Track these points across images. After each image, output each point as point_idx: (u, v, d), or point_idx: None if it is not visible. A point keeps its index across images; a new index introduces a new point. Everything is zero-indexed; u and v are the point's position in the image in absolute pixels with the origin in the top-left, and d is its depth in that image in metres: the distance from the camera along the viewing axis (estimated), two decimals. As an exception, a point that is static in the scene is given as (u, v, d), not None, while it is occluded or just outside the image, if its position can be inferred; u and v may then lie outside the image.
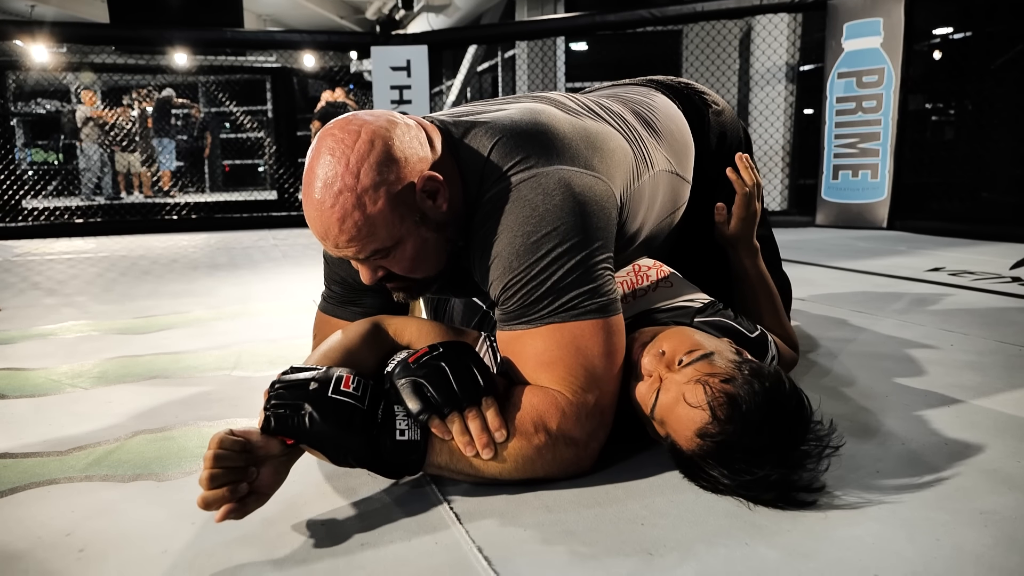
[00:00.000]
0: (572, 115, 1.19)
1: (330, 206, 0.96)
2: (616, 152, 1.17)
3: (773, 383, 0.98)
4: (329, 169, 0.96)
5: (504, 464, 1.00)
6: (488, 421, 0.98)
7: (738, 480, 0.96)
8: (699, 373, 1.02)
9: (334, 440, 0.92)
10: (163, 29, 6.07)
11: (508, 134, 1.08)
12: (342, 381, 0.95)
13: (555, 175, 1.04)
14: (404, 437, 0.95)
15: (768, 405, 0.95)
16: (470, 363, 1.00)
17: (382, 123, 0.99)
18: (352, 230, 0.97)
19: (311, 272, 3.52)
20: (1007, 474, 1.08)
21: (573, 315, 1.02)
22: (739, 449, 0.95)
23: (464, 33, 8.78)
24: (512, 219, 1.03)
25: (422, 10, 10.24)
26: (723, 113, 1.59)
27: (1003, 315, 2.21)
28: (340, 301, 1.32)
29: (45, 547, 0.93)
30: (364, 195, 0.96)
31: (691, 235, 1.53)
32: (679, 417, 1.01)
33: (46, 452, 1.26)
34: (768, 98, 6.26)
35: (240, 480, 0.89)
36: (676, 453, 1.04)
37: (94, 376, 1.75)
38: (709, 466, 0.98)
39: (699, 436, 0.97)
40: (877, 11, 4.82)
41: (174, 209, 6.75)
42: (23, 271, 3.81)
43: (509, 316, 1.05)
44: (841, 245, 4.14)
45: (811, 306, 2.38)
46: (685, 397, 1.00)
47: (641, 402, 1.08)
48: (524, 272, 1.02)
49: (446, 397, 0.97)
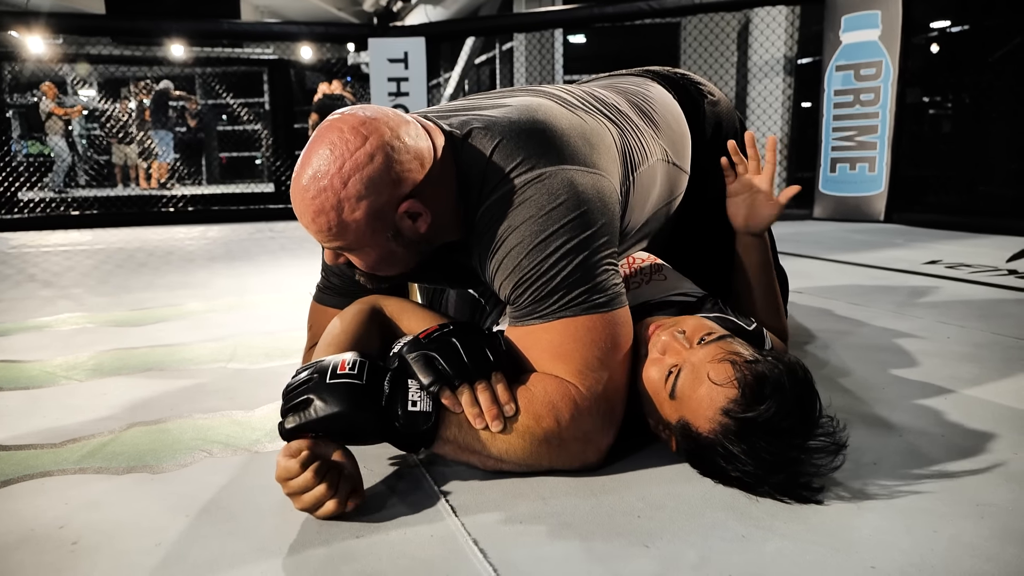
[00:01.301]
0: (569, 109, 1.19)
1: (311, 196, 0.98)
2: (612, 147, 1.18)
3: (793, 371, 0.97)
4: (323, 163, 0.97)
5: (512, 442, 1.00)
6: (498, 394, 0.99)
7: (756, 461, 0.94)
8: (723, 352, 1.01)
9: (344, 420, 0.94)
10: (160, 20, 6.05)
11: (508, 135, 1.09)
12: (338, 365, 0.97)
13: (559, 175, 1.05)
14: (416, 408, 0.97)
15: (793, 390, 0.95)
16: (480, 340, 1.03)
17: (391, 134, 0.99)
18: (323, 226, 0.99)
19: (308, 264, 3.51)
20: (1004, 466, 1.08)
21: (584, 308, 1.03)
22: (763, 430, 0.93)
23: (462, 25, 8.75)
24: (519, 219, 1.04)
25: (420, 2, 10.20)
26: (719, 103, 1.58)
27: (1000, 307, 2.21)
28: (338, 292, 1.32)
29: (38, 539, 0.93)
30: (344, 202, 0.97)
31: (687, 225, 1.52)
32: (702, 396, 0.99)
33: (40, 444, 1.26)
34: (766, 91, 6.25)
35: (331, 476, 0.93)
36: (688, 436, 1.01)
37: (89, 368, 1.74)
38: (727, 447, 0.96)
39: (724, 413, 0.96)
40: (875, 4, 4.81)
41: (171, 201, 6.72)
42: (19, 263, 3.79)
43: (522, 312, 1.07)
44: (838, 238, 4.14)
45: (808, 299, 2.38)
46: (710, 375, 0.99)
47: (654, 386, 1.07)
48: (534, 269, 1.03)
49: (457, 369, 0.99)
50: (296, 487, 0.92)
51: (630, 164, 1.22)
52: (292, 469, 0.92)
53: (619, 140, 1.22)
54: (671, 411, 1.05)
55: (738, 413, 0.95)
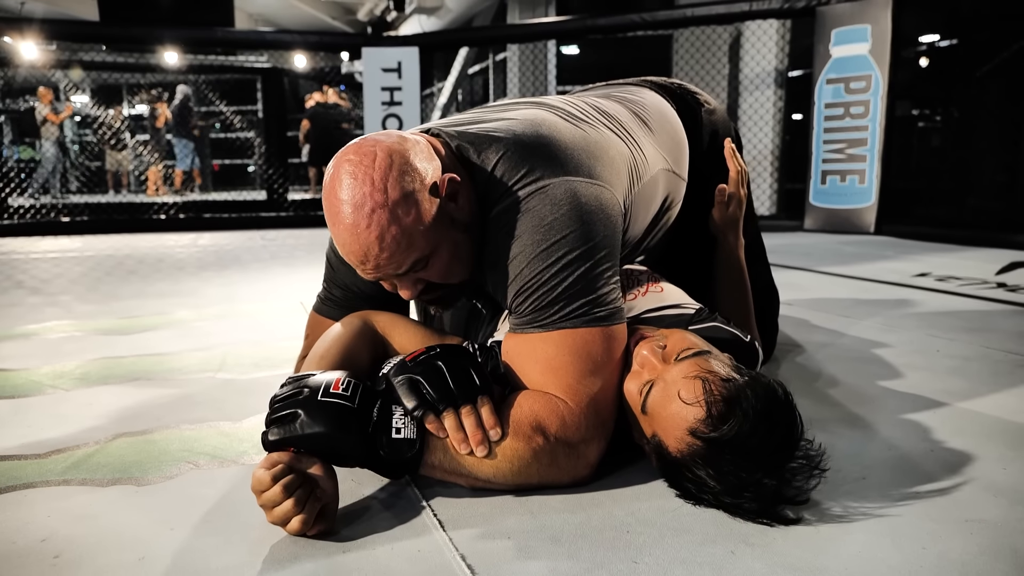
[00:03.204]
0: (571, 122, 1.19)
1: (365, 227, 0.97)
2: (616, 159, 1.18)
3: (771, 391, 0.96)
4: (356, 191, 0.97)
5: (499, 465, 1.00)
6: (483, 419, 0.98)
7: (724, 485, 0.93)
8: (698, 369, 0.99)
9: (329, 441, 0.93)
10: (153, 27, 6.03)
11: (512, 147, 1.09)
12: (332, 384, 0.96)
13: (562, 186, 1.06)
14: (400, 435, 0.96)
15: (765, 411, 0.93)
16: (466, 363, 1.02)
17: (394, 140, 1.02)
18: (392, 246, 0.98)
19: (299, 273, 3.50)
20: (993, 482, 1.08)
21: (584, 321, 1.03)
22: (729, 451, 0.92)
23: (455, 35, 8.78)
24: (522, 230, 1.05)
25: (414, 12, 10.23)
26: (715, 112, 1.60)
27: (989, 320, 2.22)
28: (339, 304, 1.32)
29: (20, 553, 0.91)
30: (397, 208, 0.97)
31: (684, 234, 1.53)
32: (671, 414, 0.98)
33: (24, 455, 1.24)
34: (757, 103, 6.30)
35: (300, 493, 0.91)
36: (662, 454, 1.01)
37: (76, 377, 1.73)
38: (693, 469, 0.95)
39: (691, 433, 0.94)
40: (865, 18, 4.86)
41: (162, 208, 6.69)
42: (7, 269, 3.77)
43: (522, 320, 1.07)
44: (829, 250, 4.16)
45: (798, 311, 2.39)
46: (680, 393, 0.97)
47: (631, 399, 1.06)
48: (536, 278, 1.03)
49: (442, 394, 0.98)
50: (266, 500, 0.91)
51: (634, 176, 1.22)
52: (264, 481, 0.90)
53: (625, 152, 1.22)
54: (646, 426, 1.04)
55: (704, 433, 0.93)
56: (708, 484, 0.95)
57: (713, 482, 0.94)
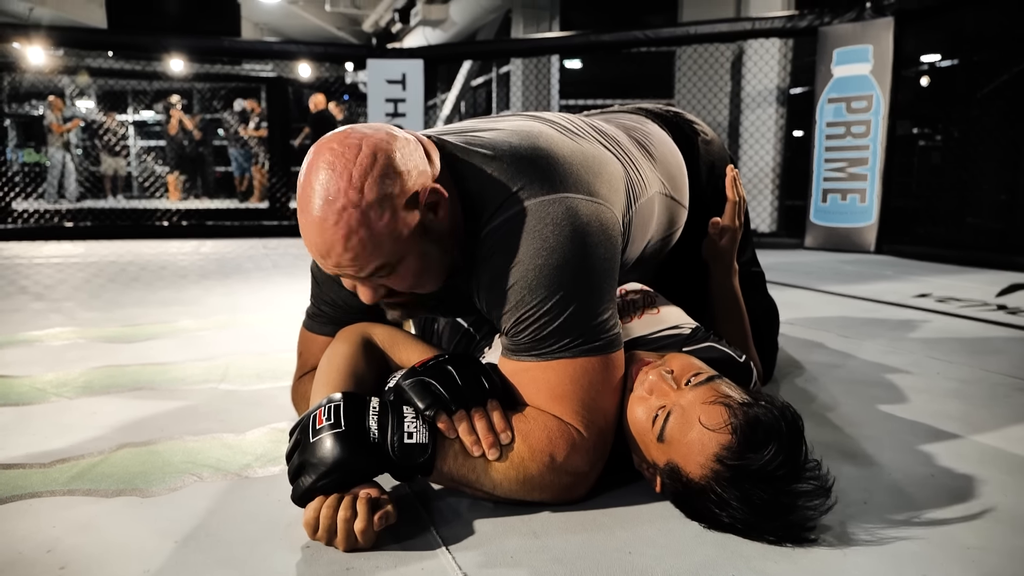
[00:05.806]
0: (569, 137, 1.17)
1: (333, 223, 0.92)
2: (615, 177, 1.17)
3: (786, 414, 0.95)
4: (330, 184, 0.91)
5: (506, 472, 1.00)
6: (494, 422, 1.00)
7: (750, 508, 0.92)
8: (715, 394, 0.99)
9: (340, 471, 0.95)
10: (161, 36, 6.07)
11: (507, 158, 1.07)
12: (316, 419, 0.98)
13: (562, 204, 1.04)
14: (412, 440, 0.97)
15: (787, 435, 0.93)
16: (476, 370, 1.04)
17: (382, 136, 0.96)
18: (357, 247, 0.93)
19: (301, 283, 3.51)
20: (994, 509, 1.09)
21: (583, 351, 1.03)
22: (757, 476, 0.91)
23: (460, 48, 8.83)
24: (523, 254, 1.02)
25: (419, 24, 10.29)
26: (712, 143, 1.61)
27: (989, 343, 2.23)
28: (329, 320, 1.31)
29: (25, 563, 0.92)
30: (369, 210, 0.91)
31: (683, 260, 1.54)
32: (693, 441, 0.96)
33: (29, 464, 1.25)
34: (759, 120, 6.33)
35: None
36: (677, 480, 0.99)
37: (79, 385, 1.73)
38: (720, 493, 0.94)
39: (716, 460, 0.93)
40: (867, 38, 4.90)
41: (164, 215, 6.71)
42: (10, 274, 3.77)
43: (519, 348, 1.06)
44: (829, 268, 4.17)
45: (798, 330, 2.39)
46: (702, 419, 0.96)
47: (639, 426, 1.05)
48: (536, 307, 1.02)
49: (454, 395, 1.00)
50: (321, 532, 0.93)
51: (631, 195, 1.21)
52: (311, 523, 0.94)
53: (620, 170, 1.21)
54: (658, 453, 1.02)
55: (732, 460, 0.92)
56: (734, 507, 0.94)
57: (738, 504, 0.93)
